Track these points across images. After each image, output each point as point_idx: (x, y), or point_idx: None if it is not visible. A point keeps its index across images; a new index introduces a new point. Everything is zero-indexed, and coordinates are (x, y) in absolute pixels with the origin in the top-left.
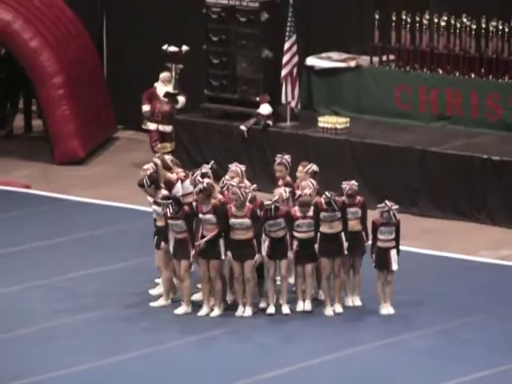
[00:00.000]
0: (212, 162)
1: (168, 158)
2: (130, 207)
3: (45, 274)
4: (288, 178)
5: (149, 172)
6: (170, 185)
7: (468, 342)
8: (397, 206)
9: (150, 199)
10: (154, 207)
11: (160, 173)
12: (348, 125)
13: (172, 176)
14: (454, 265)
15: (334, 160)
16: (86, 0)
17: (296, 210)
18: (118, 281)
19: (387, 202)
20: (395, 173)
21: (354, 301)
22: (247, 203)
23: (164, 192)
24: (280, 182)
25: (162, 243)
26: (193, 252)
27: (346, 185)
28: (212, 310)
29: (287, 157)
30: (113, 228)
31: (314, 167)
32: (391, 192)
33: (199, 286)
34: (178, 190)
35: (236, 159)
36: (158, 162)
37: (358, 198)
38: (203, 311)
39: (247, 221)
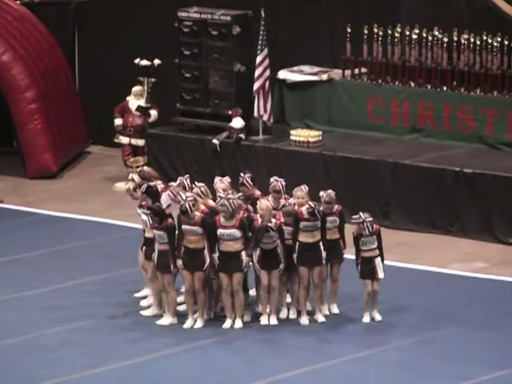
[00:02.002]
0: (187, 175)
1: (147, 169)
2: (103, 221)
3: (17, 287)
4: (257, 192)
5: (146, 185)
6: (157, 195)
7: (441, 355)
8: (371, 218)
9: (139, 211)
10: (144, 217)
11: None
12: (320, 138)
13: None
14: (426, 277)
15: (307, 173)
16: (58, 14)
17: (279, 217)
18: (92, 294)
19: (361, 213)
20: (368, 186)
21: (332, 308)
22: (236, 214)
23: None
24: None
25: (153, 254)
26: (179, 262)
27: (323, 193)
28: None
29: (248, 176)
30: (86, 242)
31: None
32: (364, 205)
33: (180, 299)
34: (164, 201)
35: (208, 173)
36: (135, 177)
37: (336, 206)
38: (188, 323)
39: (236, 231)
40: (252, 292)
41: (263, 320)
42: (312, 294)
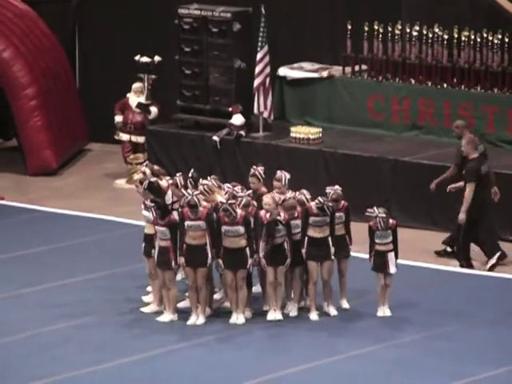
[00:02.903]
0: (192, 170)
1: (155, 167)
2: (104, 218)
3: (19, 284)
4: (263, 189)
5: (148, 181)
6: (159, 191)
7: (441, 353)
8: (384, 215)
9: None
10: (145, 213)
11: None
12: (320, 135)
13: (164, 183)
14: (427, 275)
15: (307, 170)
16: (58, 11)
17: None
18: (94, 291)
19: (376, 208)
20: (368, 183)
21: (342, 304)
22: (239, 211)
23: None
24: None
25: (152, 251)
26: (181, 260)
27: (330, 190)
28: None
29: (261, 169)
30: (87, 239)
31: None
32: (364, 202)
33: (187, 294)
34: (169, 197)
35: (209, 170)
36: (147, 170)
37: (342, 202)
38: (192, 320)
39: (240, 228)
40: (255, 288)
41: (270, 315)
42: (315, 290)
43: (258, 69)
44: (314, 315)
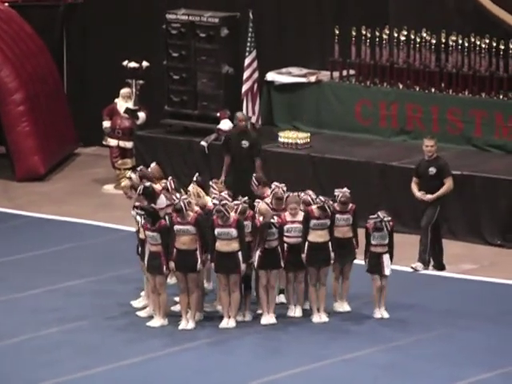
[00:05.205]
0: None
1: (154, 167)
2: (92, 223)
3: (8, 290)
4: (267, 192)
5: (143, 186)
6: (154, 195)
7: (430, 357)
8: (389, 218)
9: (134, 212)
10: (139, 218)
11: (138, 187)
12: (308, 140)
13: (157, 187)
14: (415, 279)
15: (295, 175)
16: (46, 16)
17: (286, 215)
18: (83, 295)
19: (379, 213)
20: (356, 187)
21: (344, 306)
22: (233, 213)
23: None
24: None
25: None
26: (172, 265)
27: (338, 192)
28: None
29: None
30: (75, 244)
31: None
32: None
33: (177, 298)
34: (163, 201)
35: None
36: (133, 175)
37: (350, 205)
38: (182, 324)
39: (233, 231)
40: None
41: (264, 319)
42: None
43: (246, 74)
44: (316, 318)
